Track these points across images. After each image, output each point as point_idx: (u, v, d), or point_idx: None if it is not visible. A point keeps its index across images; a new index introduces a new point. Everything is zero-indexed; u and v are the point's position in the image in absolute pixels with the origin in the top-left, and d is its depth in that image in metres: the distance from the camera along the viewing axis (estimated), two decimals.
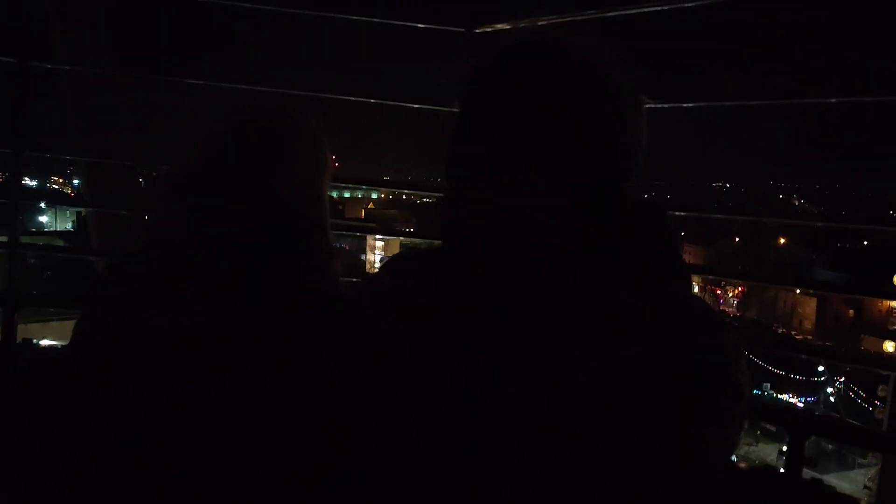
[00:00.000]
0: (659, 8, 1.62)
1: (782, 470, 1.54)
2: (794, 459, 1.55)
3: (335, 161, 1.32)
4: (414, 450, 0.93)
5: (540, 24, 0.88)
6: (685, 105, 1.62)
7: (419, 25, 1.93)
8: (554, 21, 1.68)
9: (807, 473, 1.57)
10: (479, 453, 0.87)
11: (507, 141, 0.85)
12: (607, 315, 0.84)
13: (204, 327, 1.18)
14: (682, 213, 1.80)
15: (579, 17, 1.69)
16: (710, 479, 0.79)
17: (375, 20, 1.99)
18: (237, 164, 1.17)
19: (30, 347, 1.77)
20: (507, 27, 1.77)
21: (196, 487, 1.05)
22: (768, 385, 28.78)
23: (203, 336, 1.18)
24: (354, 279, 1.37)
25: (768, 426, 24.56)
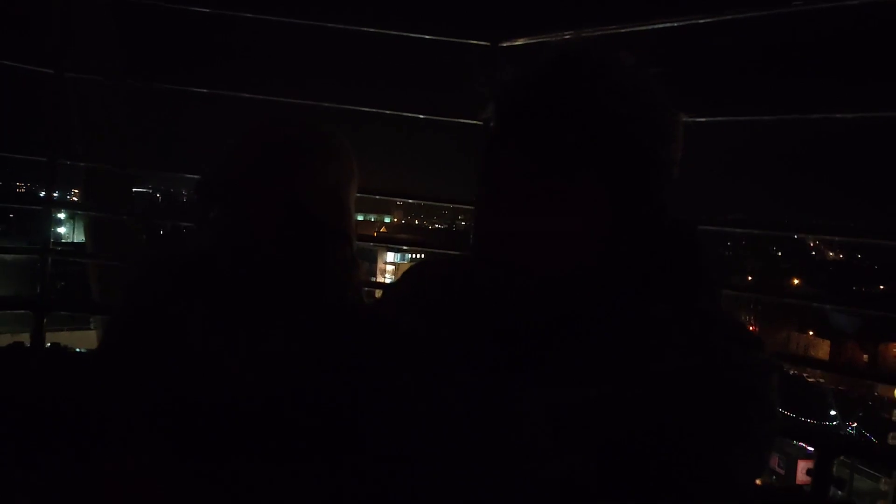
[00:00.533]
0: (677, 23, 1.65)
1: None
2: (822, 479, 1.56)
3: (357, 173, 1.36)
4: (436, 460, 0.93)
5: (576, 37, 0.89)
6: (700, 119, 1.66)
7: (445, 39, 1.97)
8: (579, 35, 1.72)
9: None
10: (507, 466, 0.86)
11: (545, 152, 0.86)
12: (638, 329, 0.84)
13: (228, 334, 1.21)
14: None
15: (602, 32, 1.73)
16: (740, 496, 0.79)
17: (402, 34, 2.04)
18: (263, 173, 1.20)
19: (58, 351, 1.81)
20: (532, 41, 1.81)
21: (210, 488, 1.07)
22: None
23: (227, 342, 1.20)
24: (376, 287, 1.39)
25: (778, 469, 24.16)
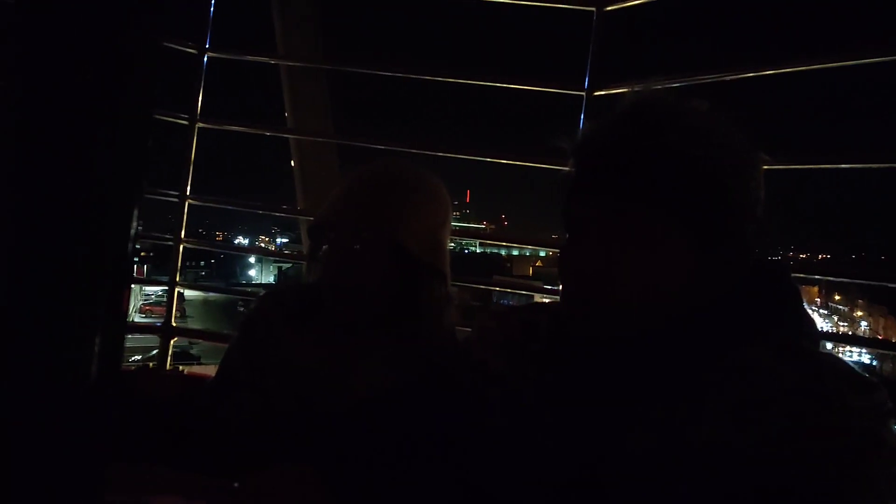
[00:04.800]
0: (772, 72, 1.70)
1: None
2: None
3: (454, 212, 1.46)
4: (537, 499, 0.96)
5: (656, 87, 0.95)
6: (803, 167, 1.71)
7: (542, 89, 2.11)
8: (670, 84, 1.81)
9: None
10: None
11: (626, 193, 0.91)
12: (742, 373, 0.84)
13: (328, 364, 1.35)
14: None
15: (695, 82, 1.79)
16: None
17: (502, 86, 2.22)
18: (366, 213, 1.32)
19: (179, 373, 2.09)
20: (626, 90, 1.91)
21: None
22: None
23: (328, 372, 1.34)
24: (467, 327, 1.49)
25: None
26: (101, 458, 0.56)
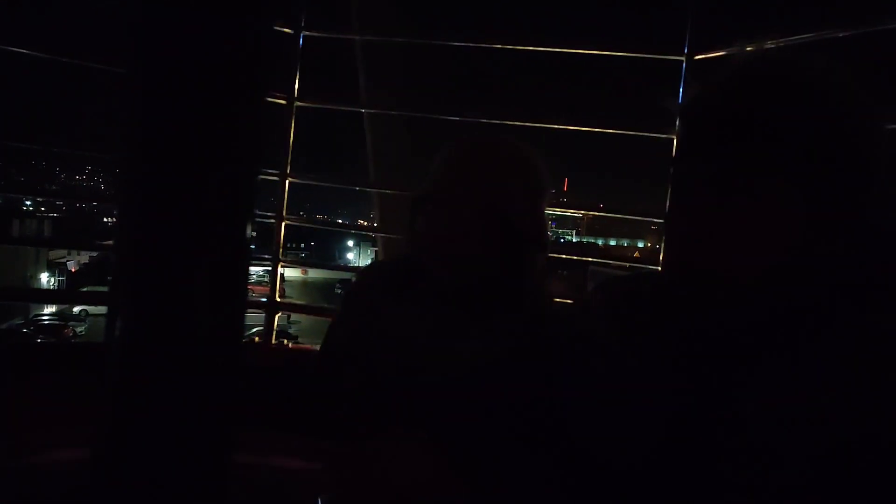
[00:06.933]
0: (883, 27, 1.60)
1: None
2: None
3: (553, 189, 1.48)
4: (636, 473, 0.96)
5: (769, 45, 0.89)
6: None
7: (639, 55, 2.07)
8: (783, 42, 1.71)
9: None
10: (722, 475, 0.87)
11: (740, 154, 0.87)
12: (860, 338, 0.82)
13: (433, 334, 1.37)
14: None
15: (801, 40, 1.70)
16: None
17: (597, 53, 2.18)
18: (467, 184, 1.34)
19: (284, 346, 2.19)
20: (727, 53, 1.85)
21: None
22: None
23: (428, 341, 1.36)
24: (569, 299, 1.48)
25: None
26: (228, 424, 0.60)
